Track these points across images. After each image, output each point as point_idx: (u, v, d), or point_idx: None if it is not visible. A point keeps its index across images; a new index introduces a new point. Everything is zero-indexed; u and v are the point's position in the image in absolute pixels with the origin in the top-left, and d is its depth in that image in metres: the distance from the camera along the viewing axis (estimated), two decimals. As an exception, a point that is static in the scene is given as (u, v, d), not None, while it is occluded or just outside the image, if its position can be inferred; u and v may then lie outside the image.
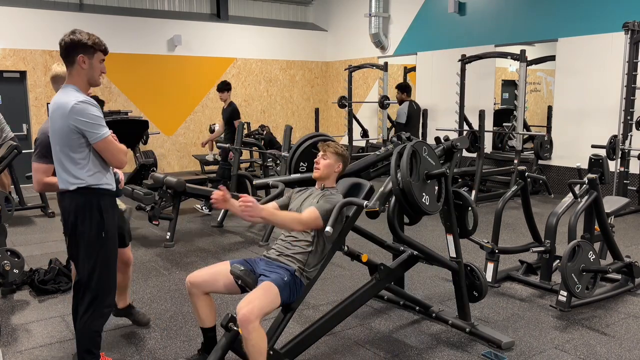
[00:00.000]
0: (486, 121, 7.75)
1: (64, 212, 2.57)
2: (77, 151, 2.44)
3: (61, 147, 2.46)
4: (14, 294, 4.14)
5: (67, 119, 2.38)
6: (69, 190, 2.49)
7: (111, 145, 2.47)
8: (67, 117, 2.38)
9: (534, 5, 8.47)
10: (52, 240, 5.78)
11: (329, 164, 3.00)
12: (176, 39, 10.51)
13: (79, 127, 2.38)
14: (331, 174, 3.02)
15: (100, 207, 2.51)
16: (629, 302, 3.93)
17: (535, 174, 7.11)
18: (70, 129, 2.39)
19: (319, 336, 2.92)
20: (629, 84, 6.52)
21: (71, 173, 2.46)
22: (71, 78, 2.47)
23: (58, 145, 2.48)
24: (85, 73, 2.47)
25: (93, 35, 2.48)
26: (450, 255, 3.35)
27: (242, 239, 5.85)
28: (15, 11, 9.10)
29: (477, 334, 3.31)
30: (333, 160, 3.01)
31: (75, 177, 2.46)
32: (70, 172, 2.46)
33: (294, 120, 12.37)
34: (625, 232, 5.92)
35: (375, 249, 3.89)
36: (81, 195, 2.48)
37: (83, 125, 2.38)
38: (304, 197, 3.01)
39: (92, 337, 2.59)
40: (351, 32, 11.91)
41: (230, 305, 3.81)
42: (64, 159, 2.47)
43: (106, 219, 2.52)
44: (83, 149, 2.44)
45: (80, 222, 2.49)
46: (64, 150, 2.45)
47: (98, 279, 2.53)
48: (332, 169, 3.01)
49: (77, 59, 2.42)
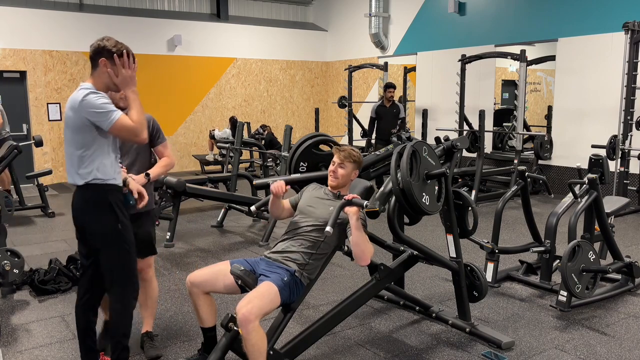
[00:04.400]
0: (486, 121, 7.75)
1: (74, 207, 2.62)
2: (87, 146, 2.49)
3: (72, 142, 2.51)
4: (14, 294, 4.14)
5: (79, 112, 2.45)
6: (78, 185, 2.55)
7: (127, 124, 2.48)
8: (77, 111, 2.45)
9: (534, 5, 8.47)
10: (52, 240, 5.78)
11: (347, 174, 2.93)
12: (176, 39, 10.51)
13: (90, 118, 2.44)
14: (347, 182, 2.98)
15: (110, 201, 2.56)
16: (629, 302, 3.93)
17: (535, 174, 7.12)
18: (82, 122, 2.45)
19: (319, 336, 2.92)
20: (629, 84, 6.52)
21: (81, 165, 2.51)
22: (92, 79, 2.55)
23: (69, 140, 2.53)
24: (106, 77, 2.53)
25: (120, 44, 2.56)
26: (450, 255, 3.35)
27: (242, 239, 5.85)
28: (15, 11, 9.09)
29: (477, 334, 3.31)
30: (350, 169, 2.94)
31: (87, 171, 2.51)
32: (79, 167, 2.51)
33: (294, 120, 12.37)
34: (625, 232, 5.92)
35: (375, 249, 3.86)
36: (91, 191, 2.54)
37: (94, 116, 2.43)
38: (315, 197, 2.97)
39: (128, 321, 2.70)
40: (351, 32, 11.91)
41: (230, 305, 3.81)
42: (73, 154, 2.52)
43: (118, 211, 2.57)
44: (92, 143, 2.49)
45: (91, 217, 2.56)
46: (74, 145, 2.50)
47: (123, 268, 2.62)
48: (349, 178, 2.96)
49: (100, 63, 2.51)
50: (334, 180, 2.94)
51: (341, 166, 2.93)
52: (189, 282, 2.75)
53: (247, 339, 2.43)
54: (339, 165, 2.93)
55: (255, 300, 2.47)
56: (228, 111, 11.38)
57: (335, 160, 2.95)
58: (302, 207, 2.95)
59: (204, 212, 7.18)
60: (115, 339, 2.67)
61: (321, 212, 2.86)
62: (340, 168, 2.93)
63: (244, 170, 8.82)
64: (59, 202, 7.73)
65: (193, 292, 2.75)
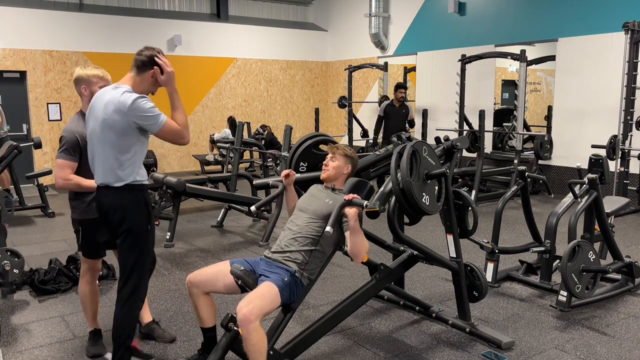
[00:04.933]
0: (486, 121, 7.75)
1: (109, 208, 2.63)
2: (130, 149, 2.56)
3: (113, 144, 2.55)
4: (14, 294, 4.14)
5: (127, 116, 2.50)
6: (114, 186, 2.59)
7: (174, 127, 2.59)
8: (125, 114, 2.49)
9: (534, 5, 8.47)
10: (52, 240, 5.78)
11: (338, 166, 3.02)
12: (176, 39, 10.51)
13: (139, 122, 2.52)
14: (340, 175, 3.04)
15: (146, 201, 2.67)
16: (629, 302, 3.93)
17: (535, 174, 7.11)
18: (129, 125, 2.52)
19: (319, 336, 2.92)
20: (629, 84, 6.52)
21: (119, 169, 2.57)
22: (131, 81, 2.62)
23: (110, 142, 2.55)
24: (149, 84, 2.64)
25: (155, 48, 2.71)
26: (450, 255, 3.35)
27: (242, 239, 5.85)
28: (15, 11, 9.09)
29: (477, 334, 3.31)
30: (342, 163, 3.03)
31: (126, 173, 2.58)
32: (118, 168, 2.57)
33: (294, 120, 12.37)
34: (625, 232, 5.92)
35: (375, 249, 3.88)
36: (129, 192, 2.60)
37: (143, 120, 2.52)
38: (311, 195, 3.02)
39: (133, 323, 2.74)
40: (351, 32, 11.91)
41: (230, 305, 3.81)
42: (112, 156, 2.56)
43: (150, 212, 2.68)
44: (134, 146, 2.57)
45: (129, 217, 2.60)
46: (116, 147, 2.55)
47: (140, 269, 2.68)
48: (341, 171, 3.03)
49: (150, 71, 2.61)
50: (326, 172, 3.03)
51: (333, 159, 3.04)
52: (189, 282, 2.75)
53: (247, 339, 2.43)
54: (331, 159, 3.05)
55: (256, 300, 2.48)
56: (228, 111, 11.38)
57: (328, 155, 3.08)
58: (299, 205, 3.01)
59: (204, 212, 7.18)
60: (120, 340, 2.68)
61: (317, 205, 2.90)
62: (332, 161, 3.03)
63: (244, 170, 8.82)
64: (59, 202, 7.74)
65: (193, 292, 2.75)
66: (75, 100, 9.71)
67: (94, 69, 2.99)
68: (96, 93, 2.72)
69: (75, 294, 4.14)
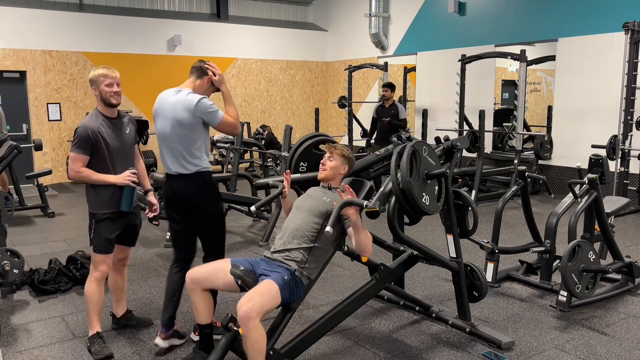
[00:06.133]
0: (486, 121, 7.75)
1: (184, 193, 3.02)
2: (197, 140, 2.97)
3: (184, 138, 2.95)
4: (14, 294, 4.14)
5: (194, 113, 2.92)
6: (186, 174, 2.98)
7: (229, 120, 3.01)
8: (193, 112, 2.92)
9: (534, 5, 8.47)
10: (52, 240, 5.78)
11: (335, 166, 3.03)
12: (176, 39, 10.51)
13: (203, 117, 2.95)
14: (337, 175, 3.05)
15: (214, 184, 3.12)
16: (629, 302, 3.93)
17: (535, 174, 7.11)
18: (196, 120, 2.94)
19: (319, 336, 2.92)
20: (629, 84, 6.52)
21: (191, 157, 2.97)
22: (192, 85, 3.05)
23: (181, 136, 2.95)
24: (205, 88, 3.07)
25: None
26: (450, 255, 3.35)
27: (242, 239, 5.84)
28: (15, 11, 9.09)
29: (477, 334, 3.31)
30: (339, 162, 3.04)
31: (195, 162, 2.99)
32: (189, 157, 2.97)
33: (294, 120, 12.37)
34: (625, 232, 5.92)
35: (375, 249, 3.86)
36: (201, 178, 3.02)
37: (207, 115, 2.95)
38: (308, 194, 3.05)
39: None
40: (351, 32, 11.91)
41: (231, 305, 3.81)
42: (181, 148, 2.96)
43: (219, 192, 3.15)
44: (199, 137, 2.98)
45: (203, 201, 3.04)
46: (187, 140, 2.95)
47: (221, 241, 3.21)
48: (338, 171, 3.05)
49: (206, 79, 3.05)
50: (323, 172, 3.05)
51: (330, 159, 3.05)
52: (189, 278, 2.77)
53: (247, 337, 2.43)
54: (329, 158, 3.06)
55: (257, 297, 2.48)
56: (228, 111, 11.37)
57: (325, 154, 3.09)
58: (296, 204, 3.04)
59: (204, 212, 7.17)
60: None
61: (313, 202, 2.92)
62: (329, 161, 3.05)
63: (244, 170, 8.82)
64: (59, 202, 7.74)
65: (192, 289, 2.77)
66: (75, 100, 9.71)
67: (100, 69, 3.12)
68: (158, 96, 3.09)
69: (75, 294, 4.14)
